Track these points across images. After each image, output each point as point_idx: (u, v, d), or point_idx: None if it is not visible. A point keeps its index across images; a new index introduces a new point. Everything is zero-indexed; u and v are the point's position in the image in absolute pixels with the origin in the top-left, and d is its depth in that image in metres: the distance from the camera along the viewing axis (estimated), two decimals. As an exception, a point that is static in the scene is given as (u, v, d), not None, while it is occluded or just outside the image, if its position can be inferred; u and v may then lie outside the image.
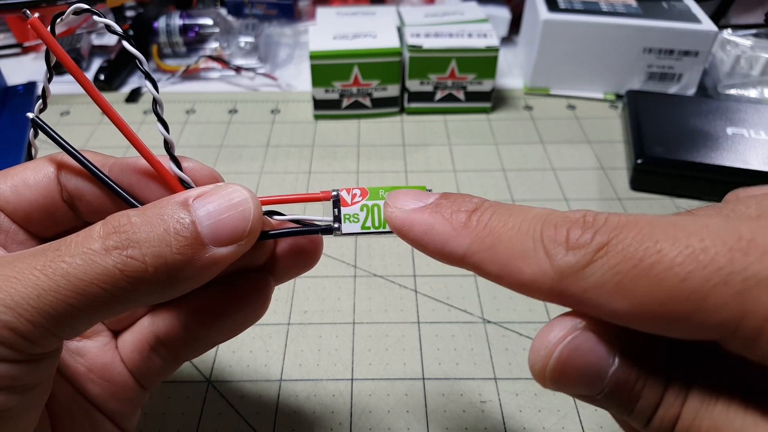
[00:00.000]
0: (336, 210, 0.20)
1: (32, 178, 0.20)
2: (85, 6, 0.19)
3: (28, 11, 0.18)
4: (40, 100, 0.20)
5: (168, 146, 0.20)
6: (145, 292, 0.17)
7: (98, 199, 0.20)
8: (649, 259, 0.13)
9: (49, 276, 0.15)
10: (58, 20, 0.19)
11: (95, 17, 0.19)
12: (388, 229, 0.19)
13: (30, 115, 0.20)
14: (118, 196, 0.20)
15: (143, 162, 0.20)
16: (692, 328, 0.13)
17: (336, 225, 0.20)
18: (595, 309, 0.14)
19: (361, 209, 0.20)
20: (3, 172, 0.20)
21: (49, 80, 0.20)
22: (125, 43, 0.19)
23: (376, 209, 0.20)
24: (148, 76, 0.19)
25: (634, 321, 0.14)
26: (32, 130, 0.20)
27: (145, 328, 0.22)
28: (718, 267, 0.12)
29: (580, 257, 0.14)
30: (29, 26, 0.18)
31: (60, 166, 0.20)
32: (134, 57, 0.19)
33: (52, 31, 0.18)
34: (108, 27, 0.19)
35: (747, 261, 0.12)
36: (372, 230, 0.20)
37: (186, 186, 0.20)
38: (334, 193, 0.20)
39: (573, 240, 0.14)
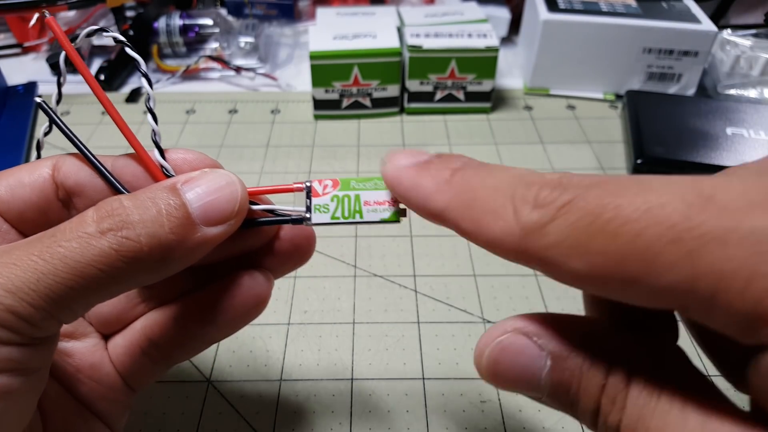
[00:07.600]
0: (308, 200, 0.20)
1: (27, 178, 0.20)
2: (96, 27, 0.20)
3: (47, 12, 0.19)
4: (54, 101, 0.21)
5: (155, 135, 0.20)
6: (140, 271, 0.17)
7: (100, 195, 0.20)
8: (606, 215, 0.12)
9: (47, 260, 0.16)
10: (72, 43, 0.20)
11: (104, 34, 0.20)
12: (357, 219, 0.20)
13: (38, 99, 0.20)
14: (112, 188, 0.20)
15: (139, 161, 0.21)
16: (648, 291, 0.12)
17: (307, 215, 0.20)
18: (556, 269, 0.14)
19: (332, 200, 0.20)
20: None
21: (63, 83, 0.21)
22: (128, 50, 0.20)
23: (346, 200, 0.20)
24: (146, 77, 0.20)
25: (591, 283, 0.13)
26: (44, 127, 0.21)
27: (137, 332, 0.23)
28: (672, 223, 0.11)
29: (543, 214, 0.14)
30: (46, 25, 0.19)
31: (58, 165, 0.20)
32: (134, 60, 0.20)
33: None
34: (115, 39, 0.20)
35: (701, 218, 0.11)
36: (342, 220, 0.20)
37: (171, 175, 0.20)
38: (307, 184, 0.20)
39: (541, 198, 0.14)
